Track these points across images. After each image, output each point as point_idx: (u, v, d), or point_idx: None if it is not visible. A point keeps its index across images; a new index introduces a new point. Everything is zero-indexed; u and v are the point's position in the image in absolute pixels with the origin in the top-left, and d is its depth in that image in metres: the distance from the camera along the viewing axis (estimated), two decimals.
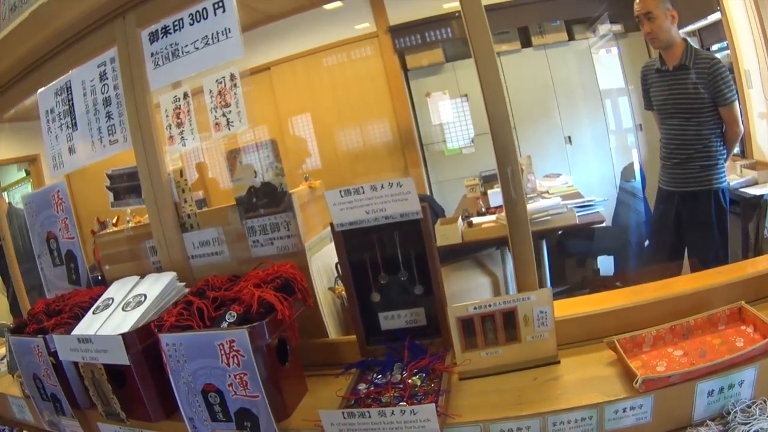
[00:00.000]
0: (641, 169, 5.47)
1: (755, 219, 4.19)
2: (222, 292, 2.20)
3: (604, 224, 4.73)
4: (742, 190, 4.33)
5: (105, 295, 2.51)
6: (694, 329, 2.13)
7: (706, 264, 3.79)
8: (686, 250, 4.07)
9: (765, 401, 1.84)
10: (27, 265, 3.62)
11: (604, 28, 6.42)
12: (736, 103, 3.71)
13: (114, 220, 3.37)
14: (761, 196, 4.20)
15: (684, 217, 3.98)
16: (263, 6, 5.35)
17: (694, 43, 3.91)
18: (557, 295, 4.29)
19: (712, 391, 1.83)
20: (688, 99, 3.74)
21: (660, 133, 4.03)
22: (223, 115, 2.50)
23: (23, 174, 6.02)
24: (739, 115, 3.76)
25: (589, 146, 6.63)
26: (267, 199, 2.60)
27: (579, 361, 2.15)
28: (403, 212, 2.23)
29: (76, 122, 2.99)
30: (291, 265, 2.32)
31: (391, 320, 2.39)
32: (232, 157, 2.63)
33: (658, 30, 3.73)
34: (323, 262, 3.04)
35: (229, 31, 2.48)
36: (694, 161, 3.81)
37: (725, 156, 3.84)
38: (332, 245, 2.38)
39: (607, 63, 6.48)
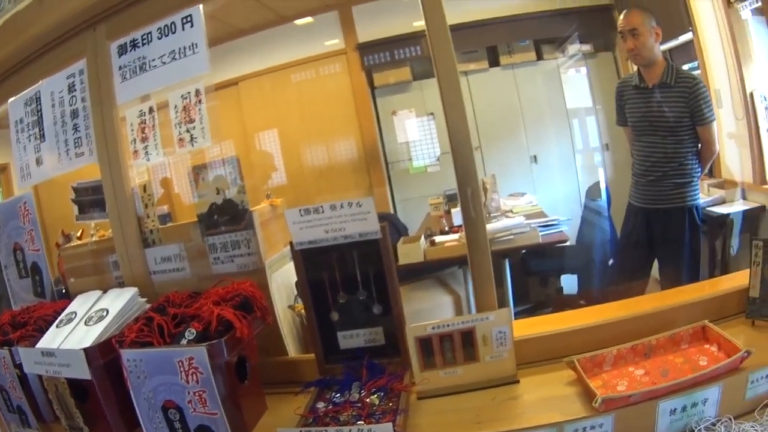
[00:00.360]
0: (607, 188, 5.48)
1: (722, 238, 4.21)
2: (182, 309, 2.21)
3: (567, 243, 4.74)
4: (709, 209, 4.34)
5: (68, 309, 2.51)
6: (656, 348, 2.15)
7: (679, 280, 3.82)
8: (658, 267, 4.08)
9: (731, 419, 1.87)
10: None
11: (573, 48, 6.42)
12: (715, 123, 3.73)
13: (78, 234, 3.36)
14: (728, 214, 4.23)
15: (657, 234, 3.97)
16: (234, 20, 5.34)
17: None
18: (520, 314, 4.30)
19: (675, 409, 1.85)
20: (667, 117, 3.73)
21: (633, 149, 4.02)
22: (187, 130, 2.50)
23: None
24: (716, 135, 3.78)
25: (554, 165, 6.64)
26: (228, 216, 2.60)
27: (539, 381, 2.17)
28: (362, 232, 2.24)
29: (44, 133, 2.98)
30: (250, 284, 2.32)
31: (350, 339, 2.40)
32: (196, 173, 2.63)
33: (641, 47, 3.72)
34: (283, 280, 3.04)
35: (196, 47, 2.49)
36: (670, 179, 3.81)
37: (699, 174, 3.86)
38: (292, 263, 2.39)
39: (575, 82, 6.50)
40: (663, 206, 3.87)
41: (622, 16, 3.78)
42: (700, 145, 3.76)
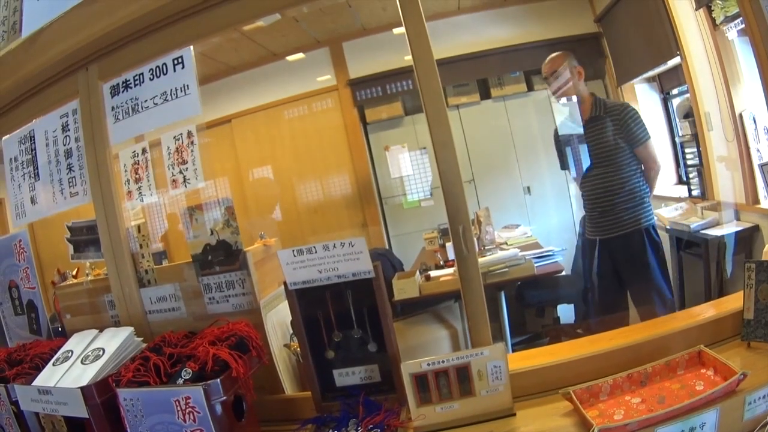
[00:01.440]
0: None
1: (716, 260, 4.22)
2: (178, 349, 2.21)
3: (563, 273, 4.72)
4: (703, 231, 4.35)
5: (64, 348, 2.51)
6: (652, 376, 2.15)
7: (652, 302, 3.87)
8: (629, 293, 4.10)
9: None
10: None
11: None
12: (651, 141, 3.86)
13: (74, 272, 3.36)
14: (722, 236, 4.25)
15: (620, 262, 4.02)
16: (227, 58, 5.37)
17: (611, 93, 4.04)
18: (517, 345, 4.27)
19: None
20: (604, 147, 3.83)
21: (579, 187, 4.13)
22: (180, 172, 2.52)
23: None
24: (655, 152, 3.88)
25: (548, 195, 6.59)
26: (222, 256, 2.62)
27: (535, 413, 2.16)
28: (356, 271, 2.26)
29: (38, 172, 2.99)
30: (246, 324, 2.33)
31: (346, 377, 2.41)
32: (190, 213, 2.64)
33: (571, 83, 3.85)
34: (278, 318, 3.04)
35: (188, 88, 2.51)
36: (620, 205, 3.88)
37: (648, 194, 3.93)
38: (287, 302, 2.39)
39: (566, 111, 6.48)
40: (619, 233, 3.92)
41: (545, 63, 3.92)
42: (643, 165, 3.83)
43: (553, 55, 3.97)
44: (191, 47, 2.54)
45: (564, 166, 4.20)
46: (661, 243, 3.97)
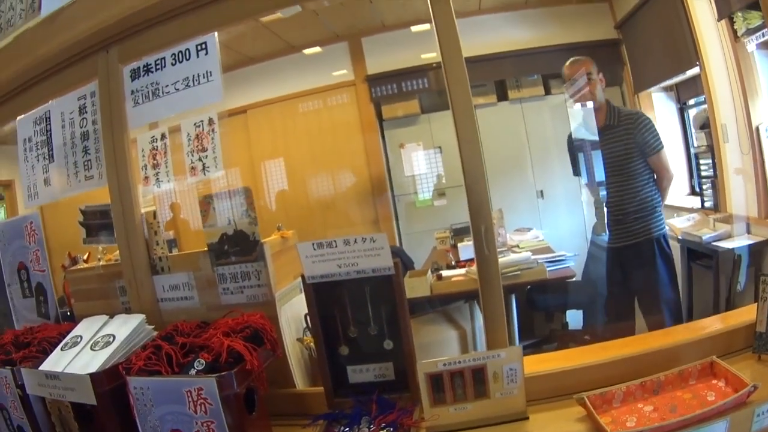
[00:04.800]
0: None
1: (728, 273, 4.21)
2: (191, 339, 2.19)
3: (574, 279, 4.71)
4: (715, 243, 4.34)
5: (73, 333, 2.48)
6: (665, 385, 2.14)
7: (660, 312, 3.87)
8: (638, 302, 4.10)
9: None
10: None
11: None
12: (664, 150, 3.90)
13: (85, 257, 3.34)
14: (733, 249, 4.23)
15: (631, 271, 4.02)
16: (244, 48, 5.37)
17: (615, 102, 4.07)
18: (525, 349, 4.27)
19: None
20: (617, 155, 3.85)
21: (592, 195, 4.15)
22: (200, 159, 2.49)
23: None
24: (668, 161, 3.89)
25: (561, 200, 6.61)
26: (239, 247, 2.59)
27: (548, 417, 2.15)
28: (375, 267, 2.24)
29: (53, 154, 2.97)
30: (261, 316, 2.31)
31: (360, 374, 2.39)
32: (206, 202, 2.62)
33: (594, 90, 3.87)
34: (293, 312, 3.01)
35: (211, 75, 2.48)
36: (631, 215, 3.92)
37: (660, 203, 3.93)
38: (302, 296, 2.39)
39: (581, 118, 6.45)
40: (631, 242, 3.93)
41: (568, 64, 4.12)
42: (655, 174, 3.84)
43: (578, 58, 3.97)
44: (215, 33, 2.52)
45: (577, 172, 4.21)
46: (672, 254, 3.97)
